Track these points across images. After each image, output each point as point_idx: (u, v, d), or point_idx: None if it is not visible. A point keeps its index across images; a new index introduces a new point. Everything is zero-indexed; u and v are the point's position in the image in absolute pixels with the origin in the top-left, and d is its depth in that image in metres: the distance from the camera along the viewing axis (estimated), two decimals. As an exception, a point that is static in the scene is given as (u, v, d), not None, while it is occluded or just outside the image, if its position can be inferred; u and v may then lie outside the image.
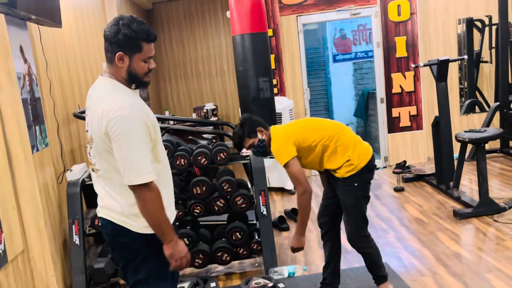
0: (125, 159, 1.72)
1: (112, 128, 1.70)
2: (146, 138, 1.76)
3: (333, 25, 7.83)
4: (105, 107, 1.73)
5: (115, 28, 1.75)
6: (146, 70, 1.83)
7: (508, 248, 3.29)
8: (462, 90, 6.19)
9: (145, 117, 1.77)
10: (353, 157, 2.58)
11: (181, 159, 3.20)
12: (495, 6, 5.64)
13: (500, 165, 5.42)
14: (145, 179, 1.72)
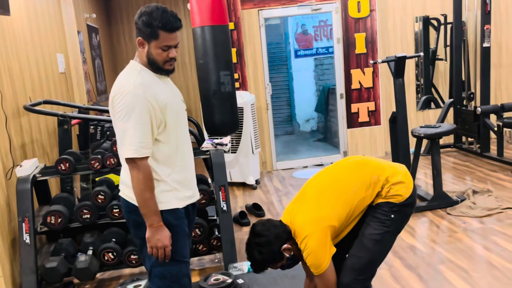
0: (119, 132, 1.84)
1: (116, 103, 1.83)
2: (146, 116, 1.81)
3: (295, 20, 7.86)
4: (116, 85, 1.88)
5: (138, 14, 1.88)
6: (165, 58, 1.90)
7: (459, 240, 3.41)
8: (418, 87, 6.36)
9: (150, 96, 1.83)
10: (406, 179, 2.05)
11: (139, 154, 3.12)
12: (450, 5, 5.81)
13: (453, 160, 5.61)
14: (132, 154, 1.80)
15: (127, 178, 1.90)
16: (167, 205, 1.94)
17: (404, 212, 2.02)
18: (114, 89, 1.86)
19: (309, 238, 1.93)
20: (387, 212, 1.97)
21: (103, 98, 6.19)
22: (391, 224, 1.99)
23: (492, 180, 4.68)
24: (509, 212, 3.80)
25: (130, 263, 3.08)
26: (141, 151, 1.81)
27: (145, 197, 1.83)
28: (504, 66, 6.30)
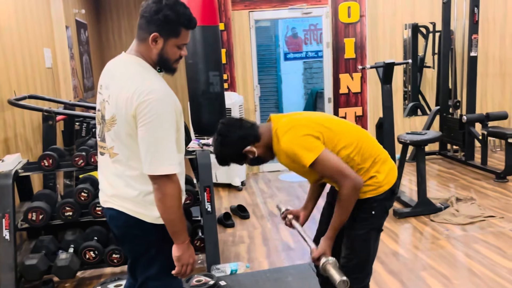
0: (150, 145, 1.61)
1: (142, 111, 1.59)
2: (174, 127, 1.66)
3: (285, 23, 7.88)
4: (137, 87, 1.61)
5: (156, 6, 1.63)
6: (177, 57, 1.73)
7: (442, 246, 3.44)
8: (405, 93, 6.42)
9: (173, 103, 1.67)
10: (381, 173, 1.95)
11: (124, 153, 3.08)
12: (439, 14, 5.87)
13: (438, 167, 5.66)
14: (169, 170, 1.62)
15: (130, 191, 1.73)
16: None
17: (384, 207, 1.98)
18: (137, 95, 1.60)
19: (290, 133, 1.88)
20: (367, 209, 1.94)
21: (89, 94, 6.13)
22: (374, 221, 1.97)
23: (475, 188, 4.74)
24: (491, 220, 3.84)
25: (112, 262, 3.04)
26: (177, 166, 1.66)
27: (180, 214, 1.68)
28: (490, 76, 6.38)
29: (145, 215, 1.74)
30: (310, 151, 1.83)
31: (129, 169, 1.72)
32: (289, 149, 1.87)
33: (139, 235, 1.77)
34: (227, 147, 1.95)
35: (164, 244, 1.77)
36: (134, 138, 1.66)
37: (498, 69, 6.39)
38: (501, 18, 6.26)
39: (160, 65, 1.73)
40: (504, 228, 3.68)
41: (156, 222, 1.74)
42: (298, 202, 4.69)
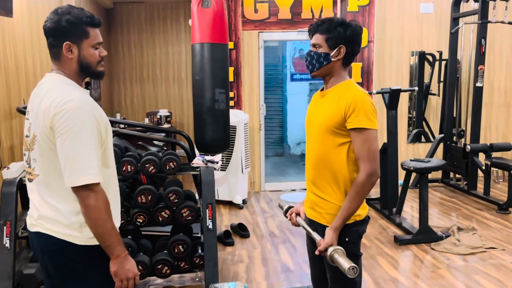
0: (67, 155, 1.55)
1: (59, 121, 1.55)
2: (95, 136, 1.60)
3: (293, 44, 7.95)
4: (53, 99, 1.58)
5: (55, 17, 1.64)
6: (98, 58, 1.70)
7: (442, 276, 3.41)
8: (410, 120, 6.44)
9: (96, 113, 1.63)
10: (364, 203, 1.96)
11: (128, 165, 3.10)
12: (446, 43, 5.94)
13: (440, 195, 5.65)
14: (89, 179, 1.55)
15: (56, 213, 1.64)
16: None
17: (357, 232, 1.95)
18: (54, 106, 1.56)
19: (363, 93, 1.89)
20: (341, 236, 1.90)
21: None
22: (349, 247, 1.91)
23: (477, 218, 4.71)
24: (493, 252, 3.82)
25: (110, 275, 3.02)
26: (99, 175, 1.58)
27: (109, 227, 1.60)
28: (495, 106, 6.41)
29: (75, 237, 1.65)
30: (371, 120, 1.84)
31: (50, 189, 1.65)
32: (358, 99, 1.84)
33: (66, 263, 1.66)
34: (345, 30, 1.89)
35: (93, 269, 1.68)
36: (55, 152, 1.59)
37: (503, 100, 6.42)
38: (508, 50, 6.32)
39: (83, 72, 1.70)
40: (505, 260, 3.65)
41: (88, 244, 1.65)
42: (299, 223, 4.66)
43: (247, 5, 5.73)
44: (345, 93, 1.89)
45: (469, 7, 5.65)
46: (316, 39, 1.93)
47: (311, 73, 1.98)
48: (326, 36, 1.90)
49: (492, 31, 5.81)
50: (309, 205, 2.06)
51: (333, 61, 1.91)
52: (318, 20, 1.96)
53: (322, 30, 1.91)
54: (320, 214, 1.98)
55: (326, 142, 1.92)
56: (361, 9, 5.79)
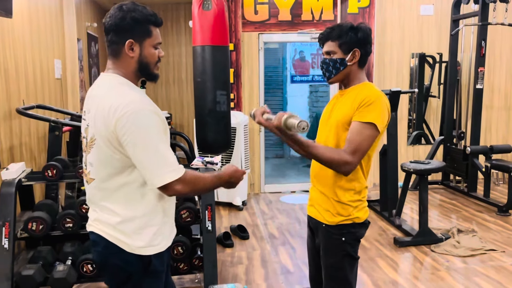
0: (142, 160, 1.54)
1: (124, 126, 1.51)
2: (161, 133, 1.59)
3: (293, 46, 7.96)
4: (112, 103, 1.54)
5: (120, 14, 1.60)
6: (156, 59, 1.68)
7: (442, 278, 3.40)
8: (410, 122, 6.44)
9: (157, 111, 1.61)
10: (363, 195, 1.97)
11: (128, 167, 3.09)
12: (446, 45, 5.94)
13: (440, 197, 5.64)
14: (171, 177, 1.54)
15: (111, 217, 1.64)
16: (157, 248, 1.68)
17: (354, 234, 1.95)
18: (114, 109, 1.53)
19: (378, 93, 1.91)
20: (337, 235, 1.93)
21: (96, 107, 6.17)
22: (345, 248, 1.94)
23: (477, 220, 4.71)
24: (493, 254, 3.81)
25: (109, 276, 3.02)
26: (178, 169, 1.57)
27: (208, 185, 1.68)
28: (495, 108, 6.41)
29: (125, 244, 1.64)
30: (379, 119, 1.84)
31: (109, 193, 1.64)
32: (373, 97, 1.85)
33: (118, 264, 1.66)
34: (356, 34, 1.91)
35: (143, 278, 1.67)
36: (115, 156, 1.58)
37: (503, 102, 6.42)
38: (508, 52, 6.33)
39: (141, 72, 1.67)
40: (505, 262, 3.64)
41: (137, 253, 1.64)
42: (299, 225, 4.66)
43: (247, 7, 5.73)
44: (363, 91, 1.90)
45: (469, 9, 5.65)
46: (329, 46, 1.95)
47: (329, 80, 2.00)
48: (339, 42, 1.92)
49: (492, 33, 5.81)
50: (311, 203, 2.08)
51: (349, 65, 1.94)
52: (326, 28, 1.98)
53: (334, 37, 1.93)
54: (318, 212, 2.00)
55: (337, 137, 1.92)
56: (361, 10, 5.80)
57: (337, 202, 1.93)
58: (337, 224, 1.93)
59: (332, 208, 1.94)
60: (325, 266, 1.99)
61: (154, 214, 1.67)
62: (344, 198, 1.92)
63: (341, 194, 1.92)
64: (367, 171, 1.98)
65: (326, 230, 1.96)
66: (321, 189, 1.99)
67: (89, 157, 1.67)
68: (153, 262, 1.67)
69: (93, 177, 1.66)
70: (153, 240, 1.66)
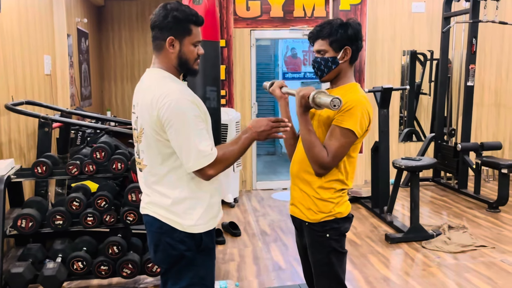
0: (180, 145, 1.69)
1: (164, 115, 1.66)
2: (199, 120, 1.71)
3: (285, 43, 7.94)
4: (154, 94, 1.70)
5: (163, 12, 1.74)
6: (195, 56, 1.80)
7: (433, 274, 3.42)
8: (401, 119, 6.46)
9: (196, 101, 1.74)
10: (344, 191, 1.98)
11: (118, 163, 3.06)
12: (437, 42, 5.96)
13: (431, 193, 5.67)
14: (202, 163, 1.68)
15: (163, 199, 1.77)
16: (206, 226, 1.81)
17: (338, 229, 1.95)
18: (156, 100, 1.68)
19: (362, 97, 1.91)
20: (321, 232, 1.93)
21: (86, 103, 6.12)
22: (331, 243, 1.94)
23: (467, 216, 4.74)
24: (483, 250, 3.84)
25: (99, 274, 2.99)
26: (210, 155, 1.69)
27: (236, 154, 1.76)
28: (485, 106, 6.45)
29: (177, 223, 1.76)
30: (357, 125, 1.85)
31: (157, 178, 1.78)
32: (356, 102, 1.86)
33: (171, 243, 1.78)
34: (346, 31, 1.91)
35: (196, 255, 1.79)
36: (163, 142, 1.72)
37: (493, 99, 6.46)
38: (498, 50, 6.37)
39: (181, 67, 1.80)
40: (495, 258, 3.67)
41: (189, 231, 1.76)
42: (290, 222, 4.65)
43: (239, 3, 5.70)
44: (347, 94, 1.89)
45: (460, 7, 5.67)
46: (320, 45, 1.94)
47: (321, 79, 2.00)
48: (330, 40, 1.91)
49: (483, 31, 5.85)
50: (292, 202, 2.07)
51: (341, 63, 1.93)
52: (316, 26, 1.96)
53: (324, 35, 1.92)
54: (300, 211, 1.99)
55: (320, 137, 1.92)
56: (353, 7, 5.80)
57: (318, 199, 1.93)
58: (320, 221, 1.93)
59: (314, 206, 1.94)
60: (313, 262, 2.00)
61: (202, 194, 1.80)
62: (325, 196, 1.93)
63: (322, 192, 1.92)
64: (351, 171, 1.97)
65: (310, 228, 1.96)
66: (302, 187, 1.98)
67: (140, 146, 1.82)
68: (204, 240, 1.79)
69: (146, 163, 1.80)
70: (202, 218, 1.78)
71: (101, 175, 3.09)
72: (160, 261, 1.86)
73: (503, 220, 4.61)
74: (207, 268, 1.84)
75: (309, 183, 1.95)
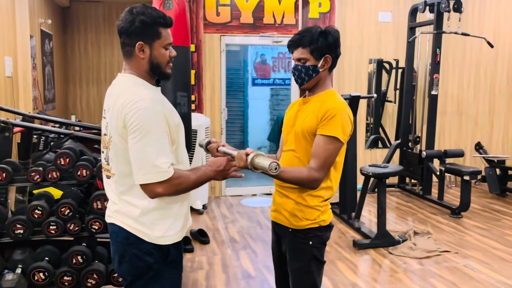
0: (136, 154, 1.62)
1: (130, 120, 1.61)
2: (165, 134, 1.64)
3: (255, 49, 7.96)
4: (124, 100, 1.64)
5: (130, 17, 1.68)
6: (167, 59, 1.74)
7: (400, 280, 3.47)
8: (368, 126, 6.58)
9: (167, 113, 1.67)
10: (327, 207, 1.98)
11: (83, 170, 2.97)
12: (403, 51, 6.11)
13: (396, 199, 5.78)
14: (160, 177, 1.60)
15: (131, 209, 1.71)
16: (175, 238, 1.75)
17: (321, 238, 1.96)
18: (126, 105, 1.62)
19: (341, 103, 1.94)
20: (304, 239, 1.93)
21: (50, 106, 5.93)
22: (312, 251, 1.94)
23: (432, 222, 4.85)
24: (447, 255, 3.93)
25: (62, 285, 2.88)
26: (166, 172, 1.62)
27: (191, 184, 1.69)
28: (448, 114, 6.65)
29: (145, 234, 1.70)
30: (342, 132, 1.86)
31: (128, 188, 1.71)
32: (337, 108, 1.87)
33: (138, 254, 1.71)
34: (326, 39, 1.92)
35: (163, 268, 1.74)
36: None
37: (456, 108, 6.67)
38: (460, 60, 6.58)
39: (153, 72, 1.75)
40: (458, 263, 3.76)
41: (157, 243, 1.71)
42: (260, 228, 4.65)
43: (209, 8, 5.68)
44: (326, 102, 1.91)
45: (425, 18, 5.83)
46: (301, 53, 1.94)
47: (301, 86, 1.99)
48: (310, 48, 1.91)
49: (446, 41, 6.03)
50: (274, 207, 2.06)
51: (321, 71, 1.94)
52: (295, 34, 1.96)
53: (305, 44, 1.92)
54: (284, 217, 1.98)
55: (301, 146, 1.94)
56: (322, 16, 5.87)
57: (305, 206, 1.93)
58: (304, 228, 1.93)
59: (299, 212, 1.93)
60: (292, 270, 1.98)
61: (172, 205, 1.74)
62: (312, 203, 1.93)
63: (310, 199, 1.92)
64: (337, 177, 2.00)
65: (293, 235, 1.96)
66: (288, 193, 1.97)
67: (110, 153, 1.75)
68: (171, 252, 1.74)
69: (114, 172, 1.74)
70: (171, 229, 1.73)
71: (66, 182, 2.98)
72: (125, 273, 1.79)
73: (465, 225, 4.75)
74: (173, 281, 1.79)
75: (297, 189, 1.93)
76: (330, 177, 1.94)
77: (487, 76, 6.70)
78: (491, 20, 6.60)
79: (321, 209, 1.94)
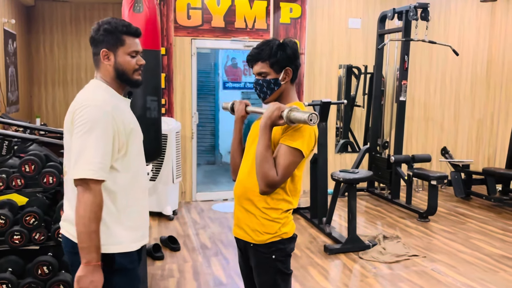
0: (75, 149, 1.63)
1: (77, 116, 1.65)
2: (108, 135, 1.64)
3: (226, 53, 7.93)
4: (78, 98, 1.71)
5: (96, 27, 1.77)
6: (134, 66, 1.79)
7: (370, 285, 3.51)
8: (337, 130, 6.65)
9: (117, 115, 1.68)
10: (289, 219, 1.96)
11: (49, 177, 2.86)
12: (372, 57, 6.21)
13: (366, 203, 5.86)
14: (87, 174, 1.59)
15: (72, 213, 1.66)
16: (122, 247, 1.73)
17: (284, 250, 1.92)
18: (76, 103, 1.69)
19: None
20: (267, 253, 1.90)
21: (13, 109, 5.72)
22: (276, 265, 1.91)
23: (400, 226, 4.94)
24: (415, 259, 4.01)
25: (27, 297, 2.77)
26: (99, 173, 1.60)
27: (91, 229, 1.59)
28: (415, 119, 6.81)
29: None
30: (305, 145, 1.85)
31: (72, 189, 1.69)
32: None
33: None
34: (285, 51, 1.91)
35: (110, 276, 1.68)
36: None
37: (422, 113, 6.84)
38: (427, 67, 6.75)
39: (120, 79, 1.78)
40: (426, 267, 3.84)
41: (102, 251, 1.65)
42: (231, 234, 4.61)
43: (179, 11, 5.61)
44: None
45: (393, 25, 5.95)
46: (261, 67, 1.92)
47: (265, 101, 1.97)
48: (270, 62, 1.90)
49: (414, 48, 6.17)
50: (236, 223, 2.01)
51: (283, 84, 1.93)
52: (254, 48, 1.94)
53: (264, 57, 1.90)
54: (245, 232, 1.94)
55: None
56: (293, 21, 5.90)
57: (265, 219, 1.89)
58: (266, 243, 1.89)
59: (260, 227, 1.89)
60: (259, 284, 1.96)
61: (120, 215, 1.73)
62: (272, 216, 1.89)
63: (269, 212, 1.89)
64: (296, 190, 1.96)
65: (255, 250, 1.92)
66: (248, 208, 1.93)
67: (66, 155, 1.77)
68: (117, 260, 1.71)
69: (67, 169, 1.74)
70: (115, 238, 1.71)
71: (31, 189, 2.87)
72: None
73: (432, 229, 4.85)
74: None
75: (255, 203, 1.90)
76: (286, 190, 1.90)
77: (453, 82, 6.90)
78: (456, 29, 6.81)
79: (281, 221, 1.90)
